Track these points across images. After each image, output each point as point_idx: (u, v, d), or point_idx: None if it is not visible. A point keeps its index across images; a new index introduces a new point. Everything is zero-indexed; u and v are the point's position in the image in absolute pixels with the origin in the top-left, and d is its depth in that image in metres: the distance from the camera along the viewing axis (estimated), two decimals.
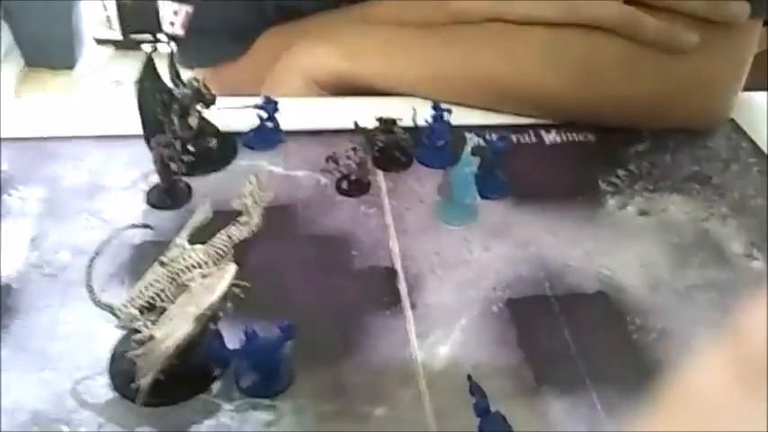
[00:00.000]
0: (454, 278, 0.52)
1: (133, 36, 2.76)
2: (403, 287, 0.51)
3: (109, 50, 2.85)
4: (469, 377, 0.43)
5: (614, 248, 0.55)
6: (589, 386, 0.45)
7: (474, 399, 0.41)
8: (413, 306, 0.50)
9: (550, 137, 0.67)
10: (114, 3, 2.73)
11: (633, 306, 0.51)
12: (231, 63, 0.78)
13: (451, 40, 0.68)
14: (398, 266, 0.53)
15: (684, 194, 0.61)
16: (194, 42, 0.75)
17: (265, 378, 0.43)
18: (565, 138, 0.67)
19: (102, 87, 2.66)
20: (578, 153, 0.65)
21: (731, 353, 0.15)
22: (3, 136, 0.61)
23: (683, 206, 0.60)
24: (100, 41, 2.85)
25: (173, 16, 0.76)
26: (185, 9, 0.75)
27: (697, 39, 0.62)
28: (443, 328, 0.48)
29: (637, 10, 0.62)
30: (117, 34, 2.83)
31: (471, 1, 0.67)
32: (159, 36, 0.77)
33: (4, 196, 0.56)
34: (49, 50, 2.64)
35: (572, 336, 0.48)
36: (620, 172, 0.63)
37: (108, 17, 2.87)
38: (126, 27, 2.78)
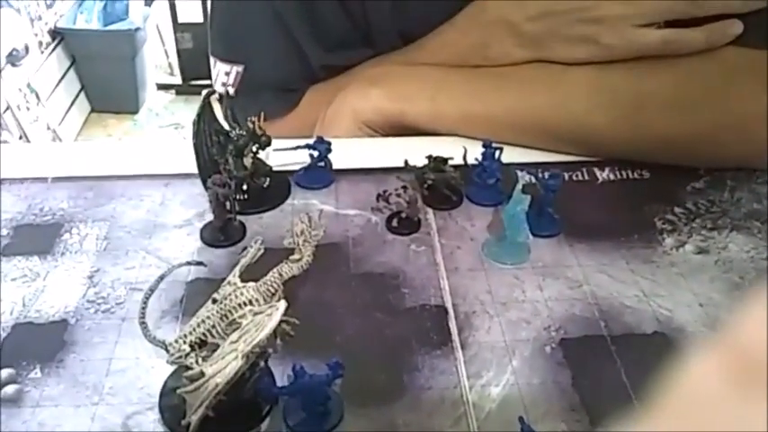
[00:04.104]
0: (506, 317, 0.51)
1: (193, 82, 2.85)
2: (453, 326, 0.50)
3: (170, 95, 2.95)
4: (521, 419, 0.42)
5: (672, 288, 0.54)
6: None
7: None
8: (463, 346, 0.49)
9: (604, 174, 0.66)
10: (175, 50, 2.84)
11: (693, 347, 0.49)
12: (279, 119, 0.79)
13: (498, 82, 0.68)
14: (449, 305, 0.52)
15: (745, 232, 0.59)
16: (243, 101, 0.76)
17: (314, 416, 0.43)
18: (619, 175, 0.66)
19: (163, 130, 2.74)
20: (633, 190, 0.64)
21: (730, 355, 0.14)
22: (63, 176, 0.64)
23: (744, 244, 0.58)
24: (161, 86, 2.96)
25: (224, 77, 0.78)
26: (236, 69, 0.77)
27: (741, 25, 0.61)
28: (495, 369, 0.47)
29: (674, 29, 0.62)
30: (178, 79, 2.93)
31: (509, 47, 0.67)
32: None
33: (65, 235, 0.58)
34: (114, 96, 2.76)
35: (629, 377, 0.47)
36: (677, 210, 0.62)
37: (170, 63, 2.99)
38: (186, 73, 2.88)
